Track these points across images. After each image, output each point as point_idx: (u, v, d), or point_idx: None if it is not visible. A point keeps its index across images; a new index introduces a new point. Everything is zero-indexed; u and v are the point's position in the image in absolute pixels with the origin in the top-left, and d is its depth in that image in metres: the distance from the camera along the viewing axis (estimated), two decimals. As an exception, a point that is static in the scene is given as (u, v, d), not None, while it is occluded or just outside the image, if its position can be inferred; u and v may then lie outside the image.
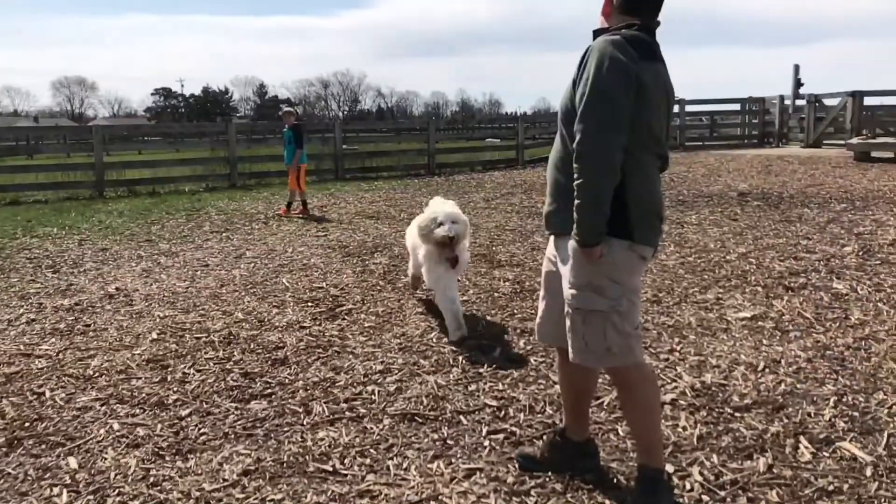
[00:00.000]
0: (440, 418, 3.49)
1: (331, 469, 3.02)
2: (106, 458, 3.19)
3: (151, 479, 2.98)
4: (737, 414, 3.39)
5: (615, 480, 2.84)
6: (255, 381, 4.06)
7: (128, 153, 29.47)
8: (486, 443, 3.21)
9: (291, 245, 8.23)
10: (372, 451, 3.18)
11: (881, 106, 21.69)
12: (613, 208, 2.37)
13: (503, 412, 3.53)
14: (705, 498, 2.69)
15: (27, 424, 3.57)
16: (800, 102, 22.07)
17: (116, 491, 2.90)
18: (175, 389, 3.98)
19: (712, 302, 5.27)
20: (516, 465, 2.97)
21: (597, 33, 2.48)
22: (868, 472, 2.83)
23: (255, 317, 5.34)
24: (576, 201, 2.37)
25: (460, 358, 4.31)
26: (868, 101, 20.32)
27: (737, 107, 24.39)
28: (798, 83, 22.72)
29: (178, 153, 22.82)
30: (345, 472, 3.00)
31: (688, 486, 2.77)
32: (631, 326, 2.48)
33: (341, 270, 6.81)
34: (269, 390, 3.92)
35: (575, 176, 2.37)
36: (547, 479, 2.85)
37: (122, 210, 11.90)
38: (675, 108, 22.74)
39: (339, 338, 4.79)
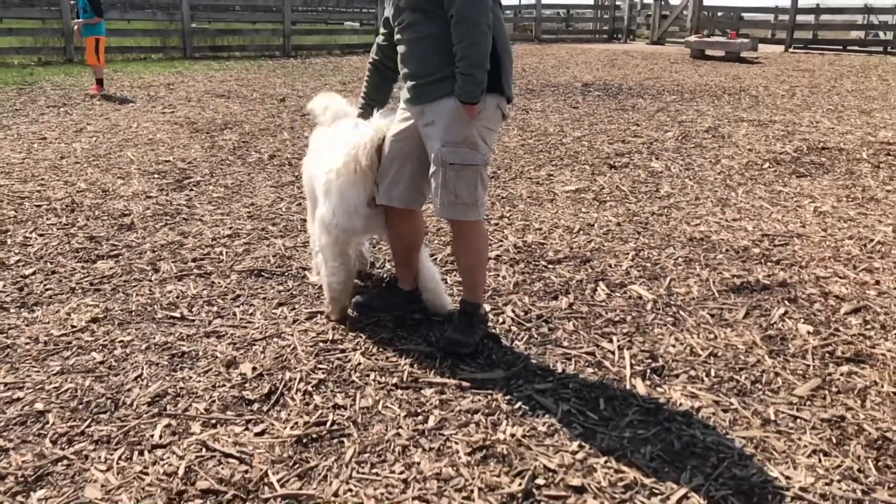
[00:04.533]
0: (286, 274, 3.74)
1: (179, 315, 3.22)
2: (-54, 313, 3.22)
3: (-3, 328, 3.07)
4: (550, 266, 3.87)
5: (439, 317, 3.23)
6: (101, 244, 4.12)
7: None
8: (328, 292, 3.51)
9: (136, 121, 7.96)
10: (219, 300, 3.40)
11: (721, 7, 22.99)
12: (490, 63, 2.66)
13: (345, 268, 3.82)
14: (514, 329, 3.14)
15: None
16: (648, 0, 22.97)
17: (-39, 339, 2.98)
18: (17, 252, 3.97)
19: (544, 178, 5.74)
20: (353, 311, 3.29)
21: None
22: (648, 306, 3.39)
23: (99, 187, 5.27)
24: (463, 62, 2.62)
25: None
26: (708, 1, 21.48)
27: (591, 1, 25.01)
28: (647, -19, 23.56)
29: (1, 23, 20.64)
30: (192, 317, 3.21)
31: (501, 321, 3.21)
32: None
33: (189, 146, 6.74)
34: (116, 252, 4.01)
35: (458, 41, 2.61)
36: (381, 318, 3.20)
37: (-59, 81, 10.88)
38: (532, 1, 23.04)
39: (186, 207, 4.86)
